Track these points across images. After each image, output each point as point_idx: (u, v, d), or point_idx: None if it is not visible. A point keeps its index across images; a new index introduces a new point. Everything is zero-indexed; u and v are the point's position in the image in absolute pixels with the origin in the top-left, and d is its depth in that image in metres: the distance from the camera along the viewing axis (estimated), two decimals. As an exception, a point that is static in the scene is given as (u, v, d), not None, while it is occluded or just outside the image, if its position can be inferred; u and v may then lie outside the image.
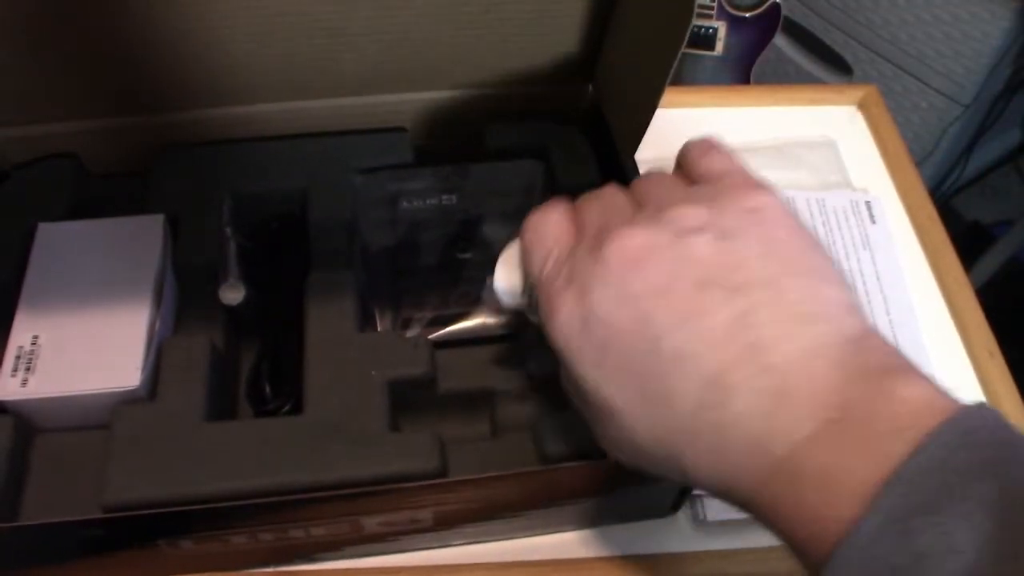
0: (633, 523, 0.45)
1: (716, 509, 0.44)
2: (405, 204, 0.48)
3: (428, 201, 0.48)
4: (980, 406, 0.23)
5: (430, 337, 0.43)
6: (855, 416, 0.24)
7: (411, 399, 0.41)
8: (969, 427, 0.23)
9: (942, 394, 0.24)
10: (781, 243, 0.28)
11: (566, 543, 0.44)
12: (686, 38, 0.38)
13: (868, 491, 0.22)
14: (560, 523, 0.43)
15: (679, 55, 0.39)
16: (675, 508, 0.44)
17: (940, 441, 0.22)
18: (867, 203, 0.60)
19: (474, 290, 0.45)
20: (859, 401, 0.24)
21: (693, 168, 0.32)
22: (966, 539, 0.20)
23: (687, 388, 0.26)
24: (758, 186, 0.29)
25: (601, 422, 0.29)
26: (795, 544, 0.25)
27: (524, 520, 0.41)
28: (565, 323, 0.28)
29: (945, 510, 0.21)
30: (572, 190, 0.49)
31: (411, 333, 0.43)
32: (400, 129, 0.51)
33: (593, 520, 0.44)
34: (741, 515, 0.27)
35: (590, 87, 0.52)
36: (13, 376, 0.39)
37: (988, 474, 0.22)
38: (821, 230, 0.58)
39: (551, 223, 0.31)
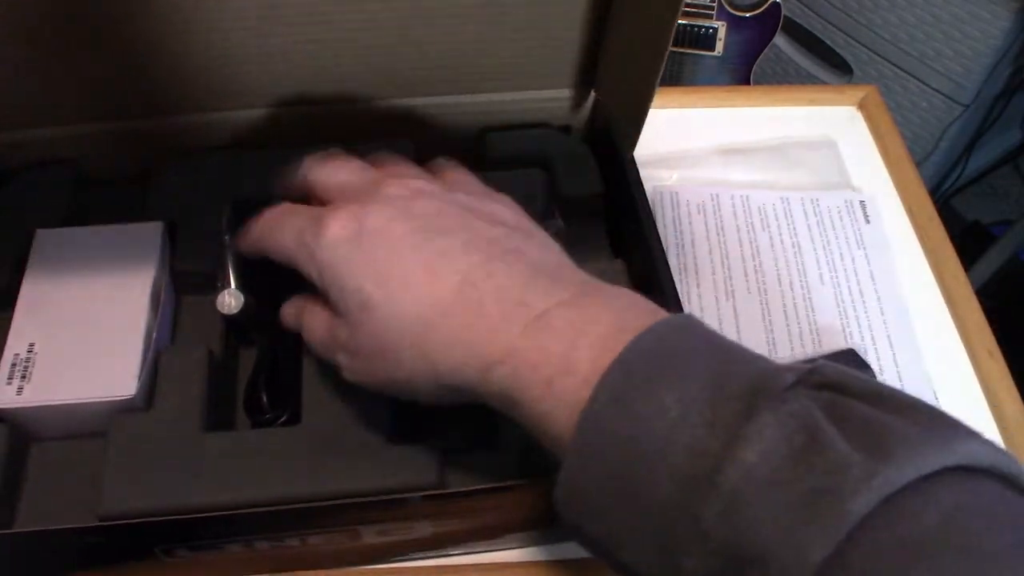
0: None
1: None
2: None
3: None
4: (690, 316, 0.30)
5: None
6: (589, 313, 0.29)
7: (410, 410, 0.41)
8: (680, 324, 0.29)
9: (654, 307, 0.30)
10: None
11: (565, 544, 0.43)
12: (672, 35, 0.39)
13: (599, 373, 0.27)
14: (559, 535, 0.43)
15: (667, 53, 0.39)
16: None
17: (656, 332, 0.28)
18: (861, 203, 0.60)
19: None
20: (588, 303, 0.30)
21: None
22: (673, 399, 0.26)
23: (451, 272, 0.31)
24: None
25: (355, 325, 0.32)
26: (537, 426, 0.30)
27: (524, 534, 0.41)
28: (336, 236, 0.32)
29: (657, 383, 0.26)
30: (574, 199, 0.49)
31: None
32: (402, 137, 0.51)
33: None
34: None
35: (592, 93, 0.52)
36: (9, 384, 0.38)
37: (695, 356, 0.27)
38: (815, 230, 0.58)
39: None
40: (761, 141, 0.64)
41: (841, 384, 0.26)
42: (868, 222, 0.59)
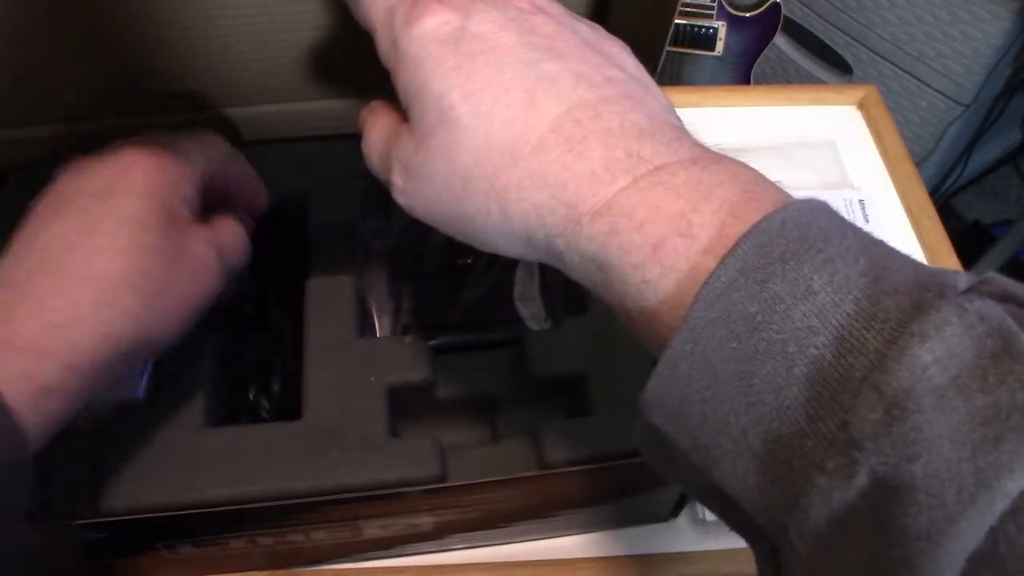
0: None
1: (716, 512, 0.44)
2: (406, 209, 0.48)
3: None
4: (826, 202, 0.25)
5: (430, 343, 0.43)
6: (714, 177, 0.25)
7: (411, 405, 0.41)
8: (822, 205, 0.24)
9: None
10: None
11: (565, 544, 0.44)
12: (668, 35, 0.38)
13: (727, 243, 0.22)
14: (560, 528, 0.43)
15: (664, 52, 0.39)
16: (675, 513, 0.44)
17: (798, 207, 0.23)
18: (860, 202, 0.60)
19: (474, 296, 0.45)
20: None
21: None
22: (821, 282, 0.21)
23: (554, 102, 0.26)
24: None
25: (424, 138, 0.28)
26: (630, 298, 0.25)
27: (525, 526, 0.41)
28: (429, 31, 0.27)
29: (803, 260, 0.21)
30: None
31: (411, 338, 0.43)
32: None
33: (593, 526, 0.44)
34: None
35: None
36: (12, 381, 0.38)
37: (845, 238, 0.22)
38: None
39: None
40: (761, 141, 0.64)
41: (1022, 298, 0.21)
42: (868, 221, 0.59)
